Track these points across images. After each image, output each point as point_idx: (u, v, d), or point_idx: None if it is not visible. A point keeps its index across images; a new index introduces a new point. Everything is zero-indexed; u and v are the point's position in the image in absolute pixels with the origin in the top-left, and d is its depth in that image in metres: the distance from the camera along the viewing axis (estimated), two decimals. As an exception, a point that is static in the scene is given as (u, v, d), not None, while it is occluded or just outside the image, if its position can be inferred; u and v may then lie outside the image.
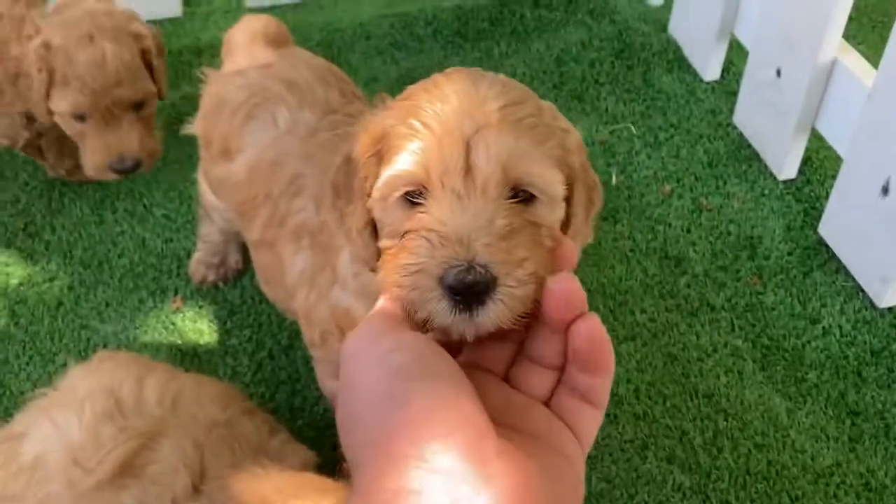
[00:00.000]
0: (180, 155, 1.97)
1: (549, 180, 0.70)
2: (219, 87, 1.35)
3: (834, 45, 1.66)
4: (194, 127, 1.43)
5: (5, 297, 1.68)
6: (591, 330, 0.60)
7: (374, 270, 0.81)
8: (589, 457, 0.65)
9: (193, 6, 2.39)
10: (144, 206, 1.85)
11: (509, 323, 0.63)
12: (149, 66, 1.64)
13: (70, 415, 1.14)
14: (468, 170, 0.67)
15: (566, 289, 0.60)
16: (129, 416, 1.14)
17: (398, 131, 0.72)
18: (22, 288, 1.70)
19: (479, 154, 0.67)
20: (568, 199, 0.76)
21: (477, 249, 0.64)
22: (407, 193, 0.71)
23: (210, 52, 2.22)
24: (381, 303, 0.69)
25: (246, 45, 1.40)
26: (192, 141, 1.96)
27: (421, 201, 0.69)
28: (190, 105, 2.06)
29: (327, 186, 0.90)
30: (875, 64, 1.58)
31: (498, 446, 0.54)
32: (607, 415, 1.20)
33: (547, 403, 0.64)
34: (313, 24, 2.29)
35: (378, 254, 0.78)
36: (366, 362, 0.60)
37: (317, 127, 1.22)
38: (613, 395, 1.49)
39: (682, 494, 1.38)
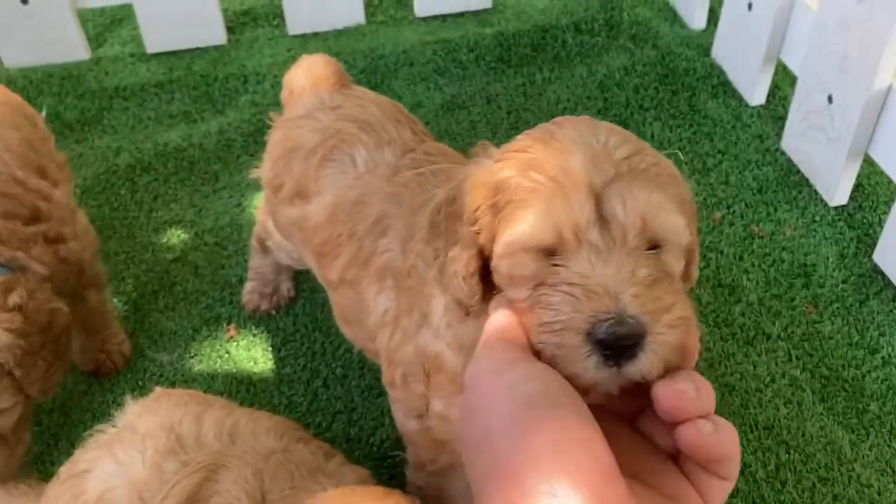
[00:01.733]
0: (230, 182, 1.98)
1: (681, 231, 0.70)
2: (287, 132, 1.35)
3: (890, 71, 1.65)
4: (262, 171, 1.43)
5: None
6: (695, 441, 0.59)
7: (468, 314, 0.81)
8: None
9: (237, 34, 2.42)
10: (196, 233, 1.86)
11: (657, 373, 0.62)
12: None
13: (133, 452, 1.15)
14: (602, 222, 0.66)
15: (673, 396, 0.60)
16: (189, 451, 1.15)
17: (519, 183, 0.71)
18: (76, 316, 1.71)
19: (616, 206, 0.66)
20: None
21: (626, 301, 0.63)
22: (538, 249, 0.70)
23: (255, 79, 2.25)
24: (499, 320, 0.68)
25: (308, 87, 1.39)
26: (241, 168, 1.98)
27: (554, 255, 0.68)
28: (237, 131, 2.08)
29: (423, 224, 0.89)
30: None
31: (625, 493, 0.54)
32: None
33: (675, 457, 0.63)
34: (356, 51, 2.30)
35: (480, 298, 0.77)
36: (494, 390, 0.60)
37: (397, 165, 1.22)
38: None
39: (745, 528, 1.36)
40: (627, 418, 0.66)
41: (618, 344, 0.62)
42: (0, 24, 2.24)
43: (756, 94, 2.11)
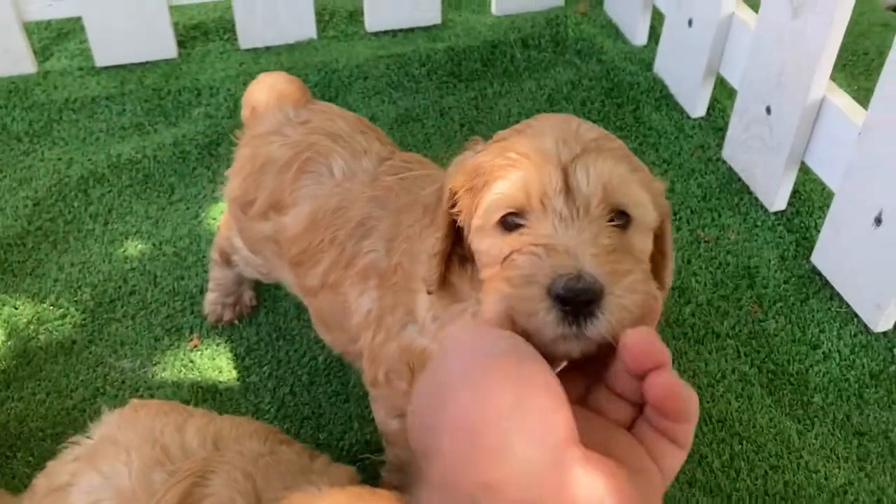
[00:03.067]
0: (187, 194, 1.98)
1: (646, 206, 0.75)
2: (255, 149, 1.36)
3: (823, 84, 1.76)
4: (227, 190, 1.44)
5: (16, 337, 1.67)
6: (666, 386, 0.60)
7: (430, 293, 0.85)
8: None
9: (188, 48, 2.42)
10: (154, 244, 1.86)
11: (615, 337, 0.65)
12: None
13: (117, 464, 1.14)
14: (568, 192, 0.71)
15: (642, 341, 0.61)
16: (175, 461, 1.15)
17: (494, 163, 0.76)
18: (32, 327, 1.69)
19: (580, 177, 0.71)
20: (657, 240, 0.80)
21: (585, 260, 0.67)
22: (507, 216, 0.74)
23: (209, 92, 2.25)
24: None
25: (272, 104, 1.41)
26: (197, 180, 1.98)
27: (522, 222, 0.73)
28: (191, 143, 2.08)
29: (418, 210, 0.94)
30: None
31: (583, 458, 0.56)
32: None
33: (630, 427, 0.65)
34: (309, 65, 2.33)
35: (437, 279, 0.82)
36: (461, 346, 0.61)
37: (376, 173, 1.25)
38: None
39: (704, 517, 1.43)
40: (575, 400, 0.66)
41: (576, 299, 0.65)
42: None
43: (697, 106, 2.21)
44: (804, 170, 1.93)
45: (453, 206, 0.84)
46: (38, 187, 1.98)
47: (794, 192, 1.97)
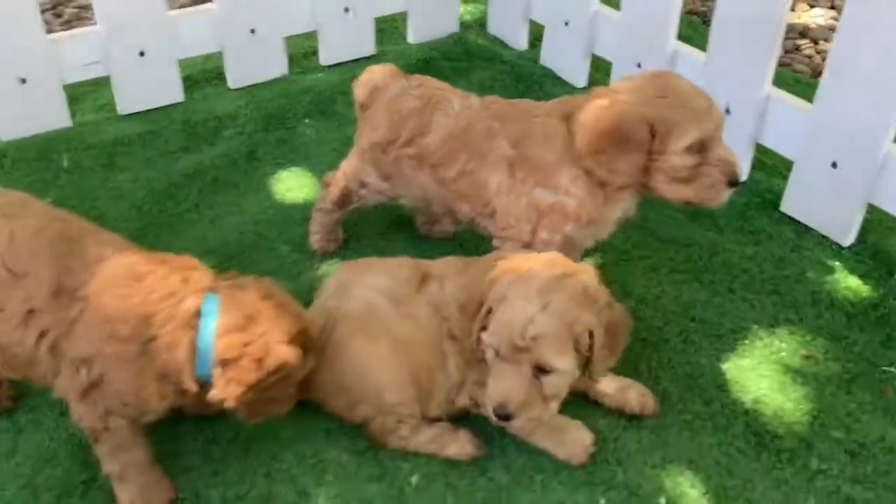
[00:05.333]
0: (250, 187, 2.60)
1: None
2: (392, 107, 2.09)
3: (673, 43, 2.74)
4: (370, 139, 2.14)
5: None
6: None
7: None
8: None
9: (190, 92, 3.02)
10: (243, 220, 2.47)
11: None
12: None
13: (370, 278, 1.82)
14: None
15: None
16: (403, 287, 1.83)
17: None
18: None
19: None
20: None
21: None
22: None
23: (229, 119, 2.88)
24: None
25: (386, 81, 2.15)
26: (252, 177, 2.62)
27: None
28: (236, 153, 2.73)
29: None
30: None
31: None
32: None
33: None
34: (293, 92, 3.02)
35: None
36: None
37: (483, 105, 2.05)
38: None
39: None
40: None
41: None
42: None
43: (580, 79, 3.16)
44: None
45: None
46: (132, 199, 2.52)
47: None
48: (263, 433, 1.80)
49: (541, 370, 1.59)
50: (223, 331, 1.54)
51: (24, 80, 2.68)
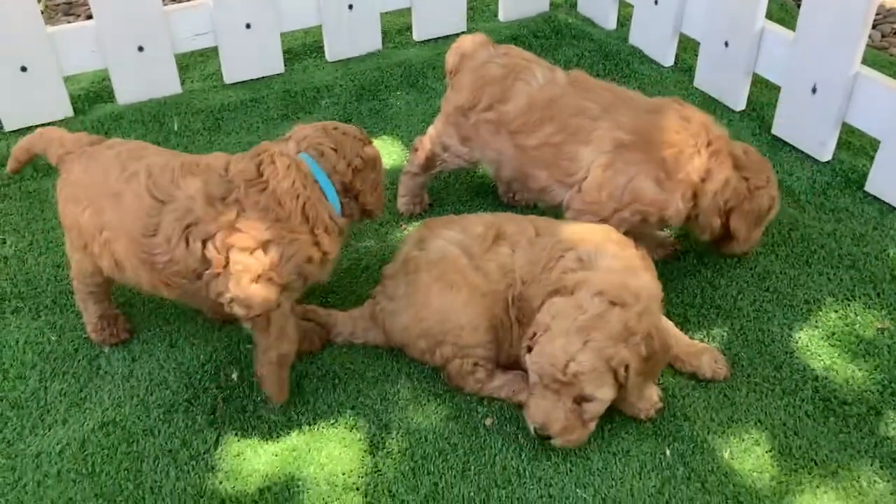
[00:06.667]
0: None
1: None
2: (477, 72, 2.21)
3: (760, 22, 2.76)
4: (454, 102, 2.25)
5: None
6: None
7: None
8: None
9: (290, 65, 3.19)
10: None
11: None
12: None
13: (447, 233, 1.93)
14: None
15: None
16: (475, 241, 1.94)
17: None
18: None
19: None
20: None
21: None
22: None
23: (326, 89, 3.04)
24: None
25: (476, 49, 2.27)
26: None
27: None
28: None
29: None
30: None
31: None
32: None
33: None
34: (385, 65, 3.16)
35: None
36: None
37: (568, 80, 2.14)
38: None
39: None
40: None
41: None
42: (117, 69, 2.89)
43: (667, 58, 3.19)
44: (758, 79, 2.91)
45: None
46: (235, 159, 2.70)
47: (749, 97, 2.95)
48: (350, 373, 1.95)
49: (582, 399, 1.70)
50: None
51: (141, 48, 2.89)
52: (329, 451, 1.80)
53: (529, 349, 1.74)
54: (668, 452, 1.78)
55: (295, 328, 1.83)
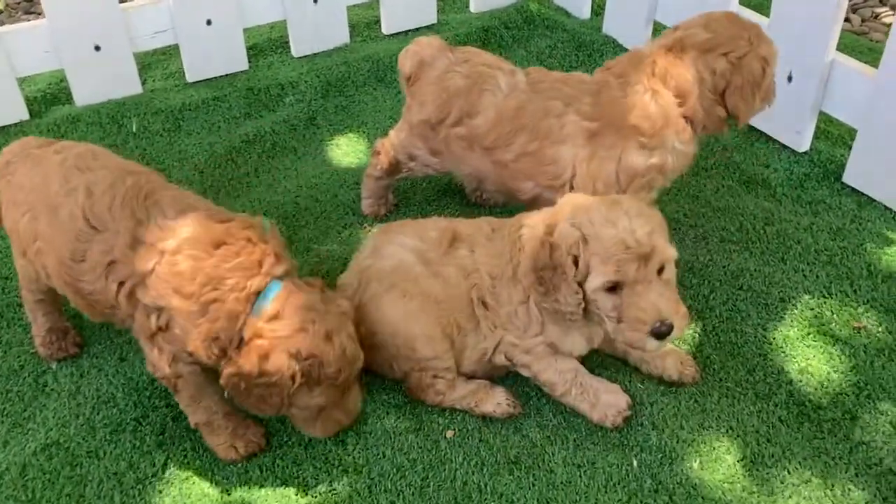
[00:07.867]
0: (308, 151, 2.66)
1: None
2: (440, 84, 2.10)
3: (734, 9, 2.68)
4: (417, 116, 2.15)
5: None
6: None
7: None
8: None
9: (254, 61, 3.10)
10: (300, 184, 2.53)
11: None
12: None
13: (400, 239, 1.85)
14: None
15: None
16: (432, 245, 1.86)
17: None
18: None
19: None
20: None
21: None
22: None
23: (290, 87, 2.95)
24: None
25: (434, 54, 2.15)
26: (310, 143, 2.67)
27: None
28: (296, 120, 2.78)
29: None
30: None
31: None
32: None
33: None
34: (352, 60, 3.07)
35: None
36: None
37: (529, 82, 2.05)
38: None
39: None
40: None
41: None
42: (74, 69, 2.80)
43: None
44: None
45: None
46: (195, 162, 2.62)
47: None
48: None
49: (659, 271, 1.63)
50: (263, 317, 1.57)
51: (98, 48, 2.80)
52: (282, 471, 1.72)
53: (580, 286, 1.66)
54: (635, 463, 1.71)
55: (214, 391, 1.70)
